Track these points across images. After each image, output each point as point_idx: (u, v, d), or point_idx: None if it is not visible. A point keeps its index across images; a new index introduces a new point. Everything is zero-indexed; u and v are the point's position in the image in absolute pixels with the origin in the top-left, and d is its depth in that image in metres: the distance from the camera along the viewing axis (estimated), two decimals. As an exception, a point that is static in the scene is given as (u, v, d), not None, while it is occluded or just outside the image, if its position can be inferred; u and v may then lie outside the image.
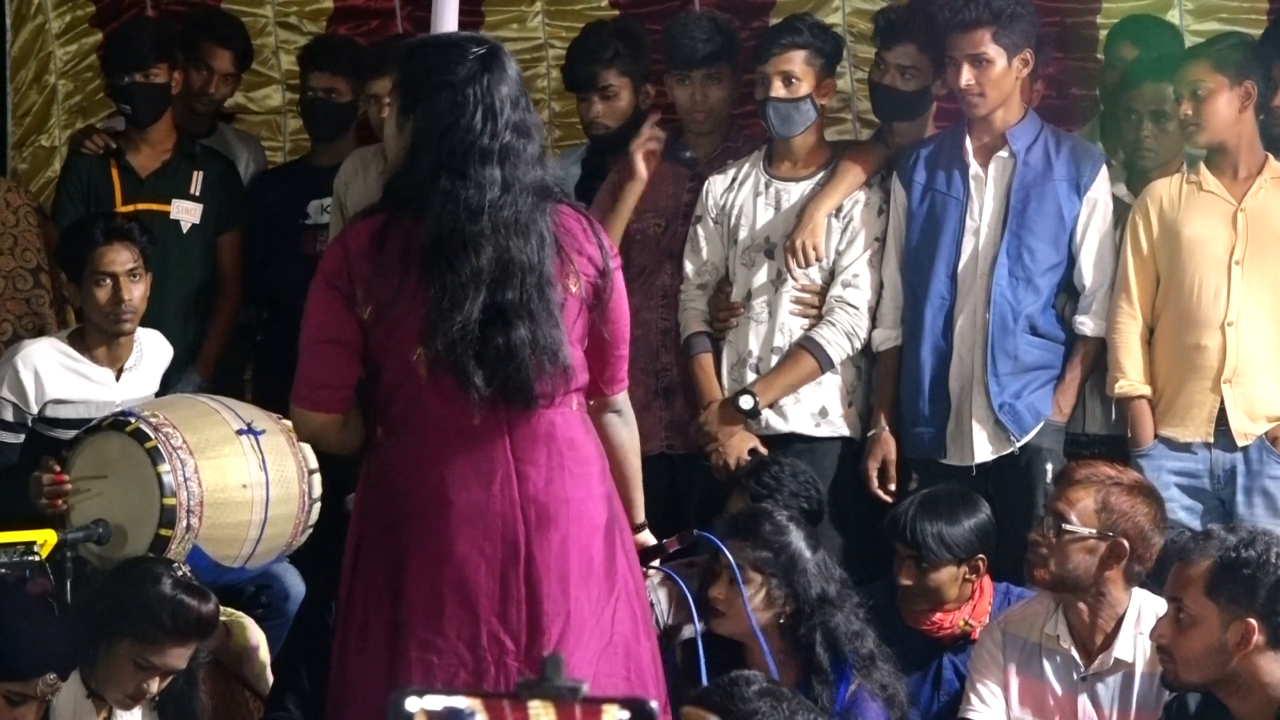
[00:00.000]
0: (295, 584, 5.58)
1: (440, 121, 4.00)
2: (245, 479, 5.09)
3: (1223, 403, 5.56)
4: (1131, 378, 5.65)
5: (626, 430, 4.33)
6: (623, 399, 4.31)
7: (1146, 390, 5.64)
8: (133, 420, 5.04)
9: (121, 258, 5.58)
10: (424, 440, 4.07)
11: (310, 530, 5.29)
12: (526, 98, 4.11)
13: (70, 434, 5.37)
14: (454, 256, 3.96)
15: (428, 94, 4.02)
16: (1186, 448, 5.59)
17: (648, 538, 4.49)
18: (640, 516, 4.44)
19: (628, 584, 4.18)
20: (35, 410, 5.54)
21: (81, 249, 5.62)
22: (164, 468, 4.94)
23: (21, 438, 5.57)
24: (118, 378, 5.61)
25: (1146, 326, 5.67)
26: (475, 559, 4.01)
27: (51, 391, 5.53)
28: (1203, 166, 5.67)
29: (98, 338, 5.62)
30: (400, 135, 4.07)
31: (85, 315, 5.67)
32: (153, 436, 4.98)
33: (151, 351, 5.74)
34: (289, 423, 5.19)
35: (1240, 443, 5.56)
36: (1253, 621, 4.11)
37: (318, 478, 5.24)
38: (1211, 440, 5.57)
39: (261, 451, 5.14)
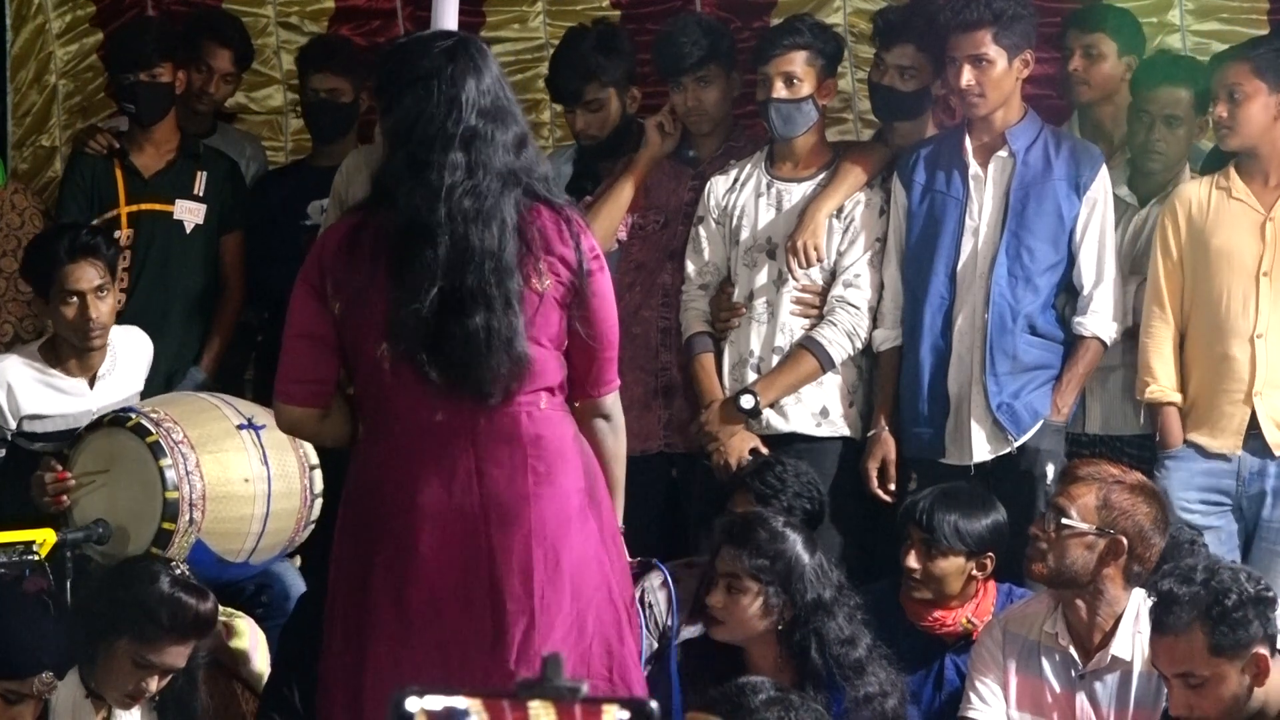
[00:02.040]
0: (296, 583, 5.59)
1: (408, 115, 4.02)
2: (247, 473, 5.10)
3: (1254, 413, 5.57)
4: (1163, 383, 5.65)
5: (612, 437, 4.26)
6: (611, 404, 4.24)
7: (1177, 398, 5.64)
8: (133, 416, 5.05)
9: (88, 275, 5.47)
10: (391, 437, 4.09)
11: (313, 526, 5.30)
12: (504, 86, 4.10)
13: (50, 446, 5.34)
14: (414, 247, 3.96)
15: (398, 92, 4.05)
16: (1219, 454, 5.60)
17: None
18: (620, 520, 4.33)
19: (608, 581, 4.14)
20: (13, 425, 5.49)
21: (48, 266, 5.51)
22: (166, 462, 4.96)
23: (1, 452, 5.54)
24: (91, 385, 5.54)
25: (1178, 331, 5.67)
26: (438, 557, 4.02)
27: (26, 407, 5.47)
28: (1233, 172, 5.66)
29: (69, 349, 5.54)
30: (383, 138, 4.11)
31: (55, 330, 5.57)
32: (154, 431, 4.99)
33: (126, 353, 5.66)
34: None
35: (1277, 452, 5.58)
36: (1261, 651, 4.14)
37: (319, 473, 5.25)
38: (1241, 448, 5.58)
39: (263, 446, 5.15)
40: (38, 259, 5.62)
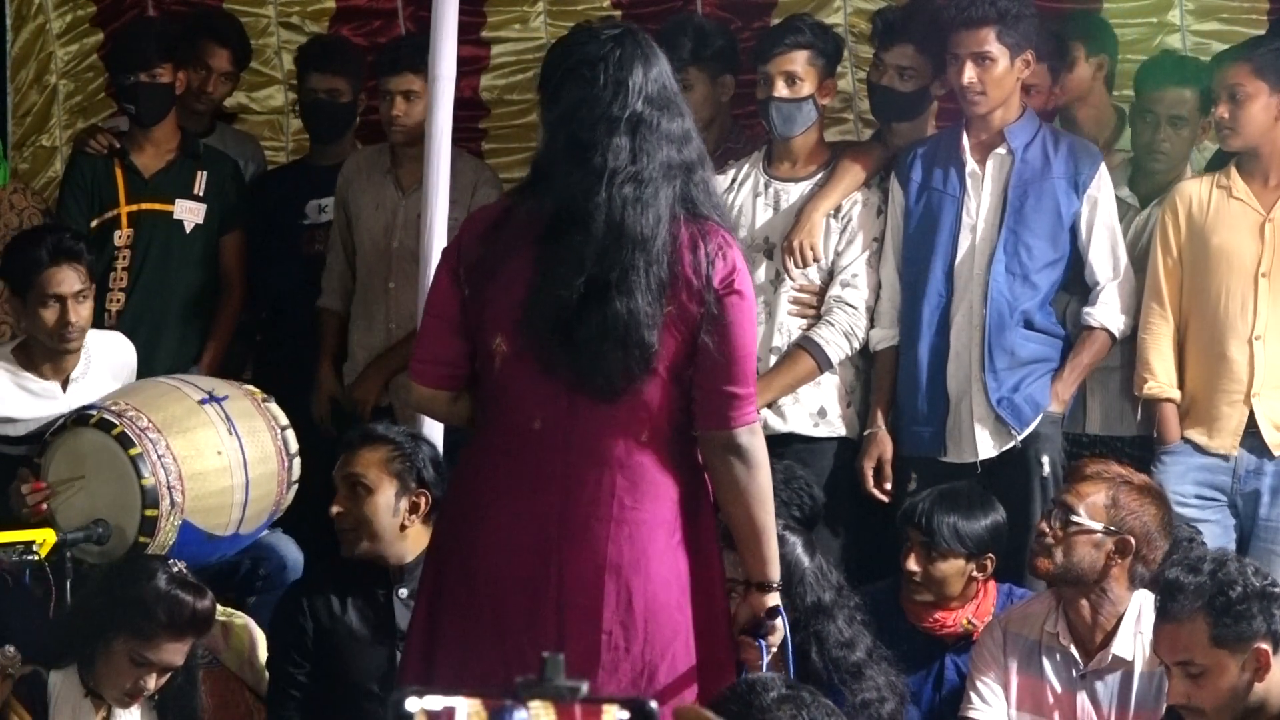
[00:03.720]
0: (292, 554, 5.62)
1: (572, 99, 3.92)
2: (218, 446, 5.11)
3: (1251, 414, 5.57)
4: (1161, 380, 5.66)
5: (746, 473, 3.99)
6: (745, 438, 3.98)
7: (1175, 395, 5.65)
8: (95, 412, 5.06)
9: (69, 279, 5.39)
10: (488, 438, 4.04)
11: (296, 486, 5.29)
12: (671, 79, 3.99)
13: (24, 449, 5.32)
14: (567, 230, 3.86)
15: (563, 78, 3.96)
16: (1216, 454, 5.61)
17: (771, 600, 4.12)
18: (765, 575, 4.09)
19: (687, 630, 3.98)
20: None
21: (28, 268, 5.44)
22: (135, 451, 4.96)
23: None
24: (64, 388, 5.47)
25: (1177, 329, 5.67)
26: (506, 569, 3.95)
27: None
28: (1234, 171, 5.67)
29: (43, 353, 5.47)
30: (543, 128, 4.05)
31: (29, 332, 5.51)
32: (118, 423, 5.00)
33: (101, 357, 5.58)
34: (251, 387, 5.24)
35: (1276, 453, 5.59)
36: (1263, 646, 4.12)
37: (291, 433, 5.26)
38: (1239, 448, 5.59)
39: (228, 416, 5.16)
40: (18, 260, 5.54)
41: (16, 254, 5.58)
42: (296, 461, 5.25)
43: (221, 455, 5.10)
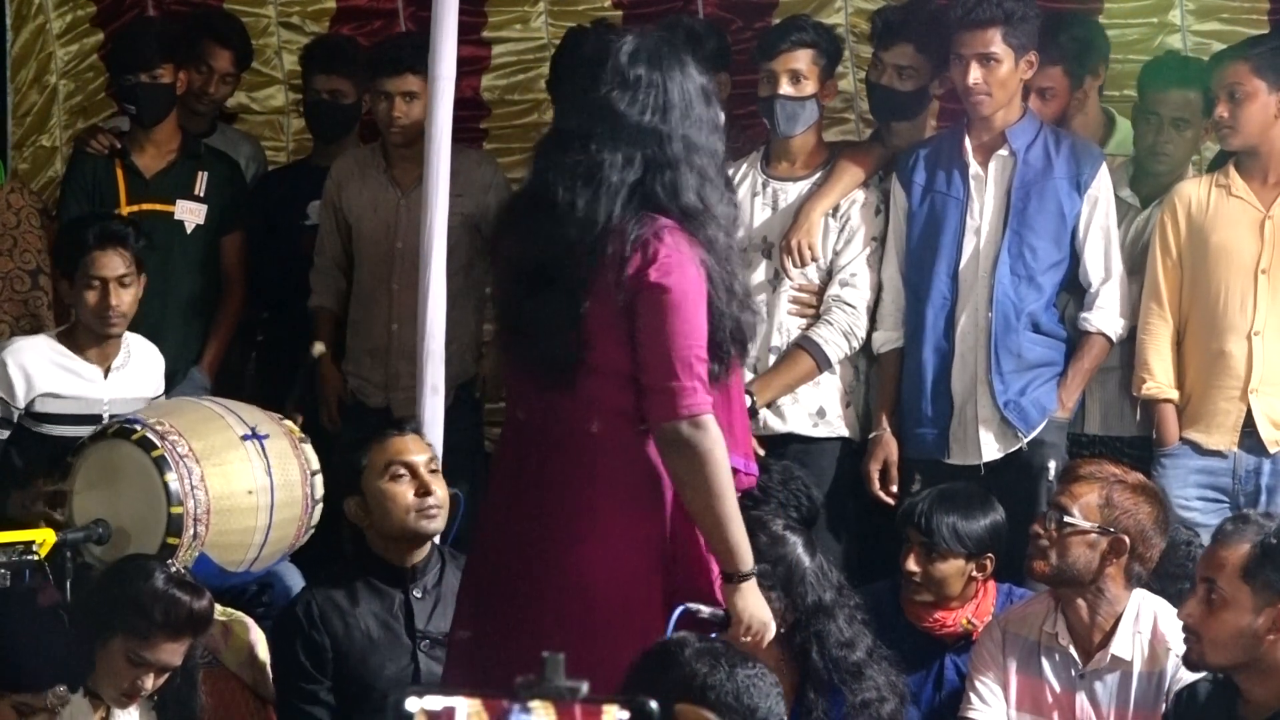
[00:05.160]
0: (297, 583, 5.58)
1: (572, 88, 3.98)
2: (250, 485, 5.07)
3: (1249, 411, 5.57)
4: (1160, 380, 5.66)
5: (689, 464, 3.92)
6: (687, 430, 3.90)
7: (1174, 395, 5.66)
8: (139, 428, 5.01)
9: (113, 263, 5.62)
10: (503, 432, 4.17)
11: (312, 531, 5.28)
12: (686, 88, 3.95)
13: (57, 429, 5.48)
14: (533, 215, 3.90)
15: (571, 72, 4.08)
16: (1214, 451, 5.60)
17: (734, 594, 4.09)
18: (730, 565, 4.04)
19: (646, 625, 3.95)
20: (22, 406, 5.60)
21: (74, 251, 5.68)
22: (170, 476, 4.92)
23: (6, 434, 5.62)
24: (105, 375, 5.66)
25: (1176, 329, 5.67)
26: (503, 564, 4.01)
27: (41, 387, 5.59)
28: (1232, 169, 5.67)
29: (88, 337, 5.68)
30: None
31: (77, 315, 5.71)
32: (159, 444, 4.96)
33: (140, 355, 5.78)
34: (290, 424, 5.21)
35: (1271, 450, 5.59)
36: None
37: (319, 479, 5.22)
38: (1237, 445, 5.58)
39: (266, 456, 5.12)
40: (67, 243, 5.79)
41: (66, 237, 5.86)
42: (318, 509, 5.23)
43: (252, 495, 5.07)
